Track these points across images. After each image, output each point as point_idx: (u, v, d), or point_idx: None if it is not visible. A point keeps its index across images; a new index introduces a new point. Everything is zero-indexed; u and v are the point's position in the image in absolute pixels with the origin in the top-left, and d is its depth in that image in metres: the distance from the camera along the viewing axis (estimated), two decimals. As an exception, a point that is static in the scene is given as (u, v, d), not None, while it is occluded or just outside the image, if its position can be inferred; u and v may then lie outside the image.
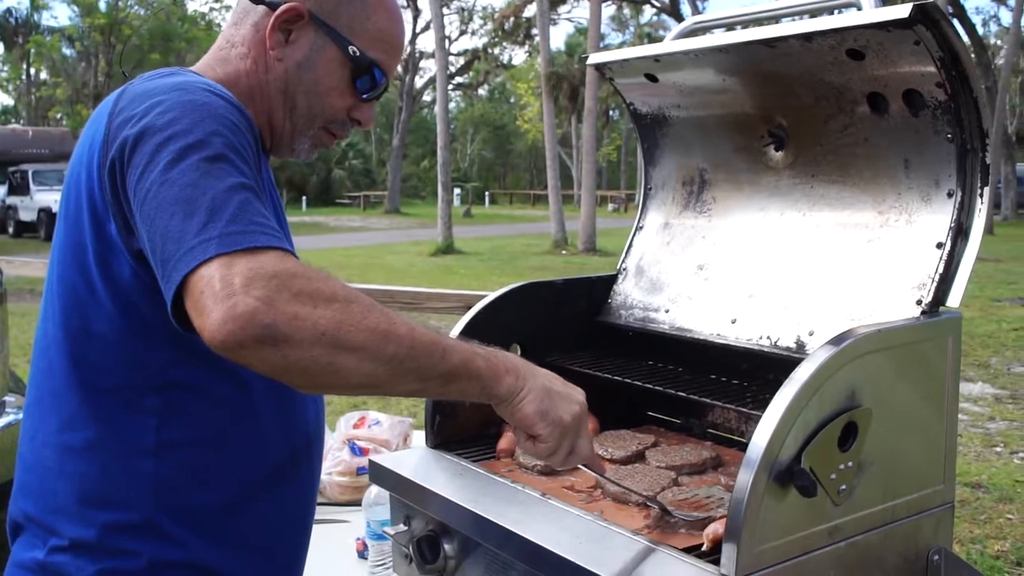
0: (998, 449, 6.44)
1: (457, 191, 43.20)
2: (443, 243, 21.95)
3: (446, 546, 1.68)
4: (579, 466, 1.42)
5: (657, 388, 1.85)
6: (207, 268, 1.06)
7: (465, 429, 1.93)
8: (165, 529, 1.30)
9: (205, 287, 1.06)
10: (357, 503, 2.69)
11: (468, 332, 1.86)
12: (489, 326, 1.89)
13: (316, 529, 2.50)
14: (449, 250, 21.69)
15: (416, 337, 1.14)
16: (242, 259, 1.07)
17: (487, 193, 55.57)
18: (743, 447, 1.92)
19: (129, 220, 1.20)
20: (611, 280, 2.15)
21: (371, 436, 2.85)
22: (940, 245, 1.59)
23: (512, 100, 64.57)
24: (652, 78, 2.02)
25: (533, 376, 1.29)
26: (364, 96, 1.48)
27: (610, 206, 42.68)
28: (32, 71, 46.88)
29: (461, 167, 60.57)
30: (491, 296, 1.96)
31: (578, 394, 1.36)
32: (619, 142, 56.40)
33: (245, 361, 1.07)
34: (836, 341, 1.37)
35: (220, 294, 1.04)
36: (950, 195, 1.60)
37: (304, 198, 43.53)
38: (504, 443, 1.84)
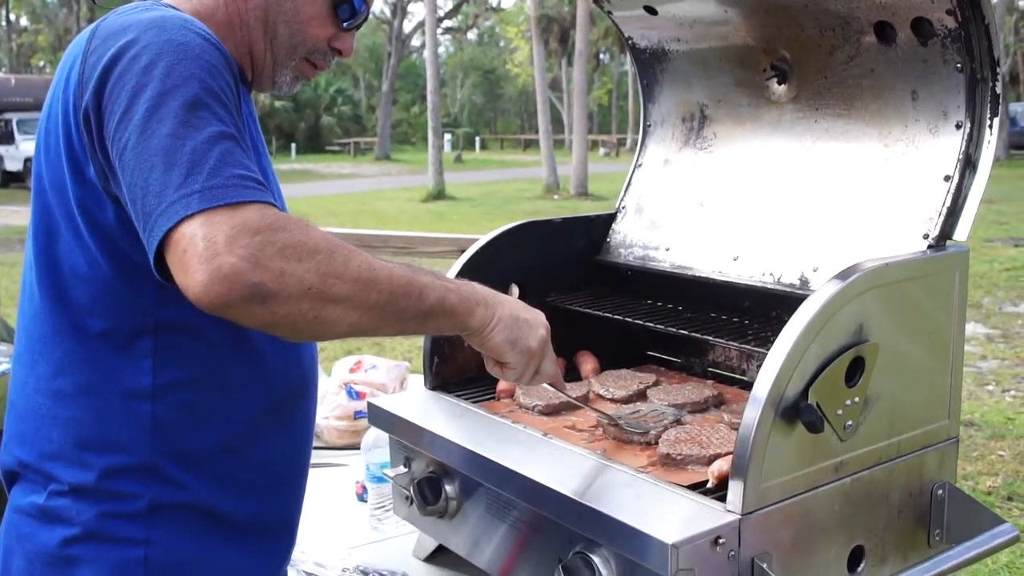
0: (990, 387, 6.48)
1: (448, 137, 42.86)
2: (434, 189, 21.80)
3: (447, 487, 1.67)
4: (544, 385, 1.48)
5: (658, 327, 1.83)
6: (189, 225, 1.05)
7: (464, 370, 1.91)
8: (164, 471, 1.28)
9: (188, 245, 1.05)
10: (354, 447, 2.68)
11: (466, 273, 1.83)
12: (487, 267, 1.86)
13: (314, 473, 2.49)
14: (440, 196, 21.56)
15: (395, 280, 1.16)
16: (224, 215, 1.06)
17: (477, 138, 55.10)
18: (745, 385, 1.91)
19: (106, 165, 1.18)
20: (610, 219, 2.12)
21: (367, 380, 2.83)
22: (948, 178, 1.56)
23: (502, 44, 63.81)
24: (651, 10, 1.97)
25: (501, 305, 1.34)
26: (345, 24, 1.44)
27: (601, 151, 42.39)
28: (12, 17, 46.06)
29: (451, 112, 60.03)
30: (488, 236, 1.92)
31: (542, 318, 1.42)
32: (610, 86, 55.83)
33: (232, 318, 1.08)
34: (843, 275, 1.35)
35: (204, 254, 1.04)
36: (958, 127, 1.57)
37: (293, 145, 43.10)
38: (504, 384, 1.83)
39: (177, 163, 1.08)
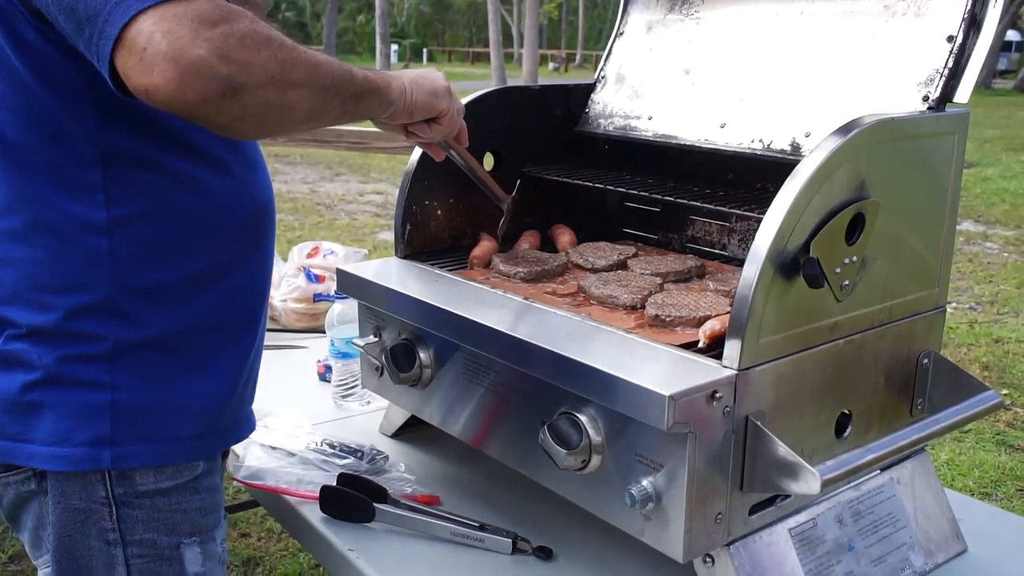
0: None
1: (394, 47, 41.81)
2: (382, 98, 21.29)
3: (421, 354, 1.60)
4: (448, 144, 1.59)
5: (641, 194, 1.76)
6: (143, 21, 0.97)
7: (437, 239, 1.83)
8: (126, 308, 1.20)
9: (148, 43, 0.96)
10: (313, 330, 2.61)
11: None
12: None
13: (272, 355, 2.42)
14: (388, 106, 21.07)
15: (332, 63, 1.16)
16: (179, 7, 0.98)
17: (425, 50, 53.95)
18: (726, 260, 1.86)
19: None
20: (589, 89, 2.03)
21: (326, 265, 2.74)
22: (951, 38, 1.50)
23: (451, -48, 61.98)
24: None
25: (401, 75, 1.40)
26: None
27: (551, 65, 41.87)
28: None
29: (398, 22, 58.50)
30: (465, 100, 1.82)
31: (430, 68, 1.50)
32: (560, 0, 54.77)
33: (203, 114, 1.01)
34: (847, 128, 1.28)
35: (170, 50, 0.96)
36: (964, -17, 1.50)
37: (234, 51, 41.64)
38: (479, 251, 1.75)
39: None
